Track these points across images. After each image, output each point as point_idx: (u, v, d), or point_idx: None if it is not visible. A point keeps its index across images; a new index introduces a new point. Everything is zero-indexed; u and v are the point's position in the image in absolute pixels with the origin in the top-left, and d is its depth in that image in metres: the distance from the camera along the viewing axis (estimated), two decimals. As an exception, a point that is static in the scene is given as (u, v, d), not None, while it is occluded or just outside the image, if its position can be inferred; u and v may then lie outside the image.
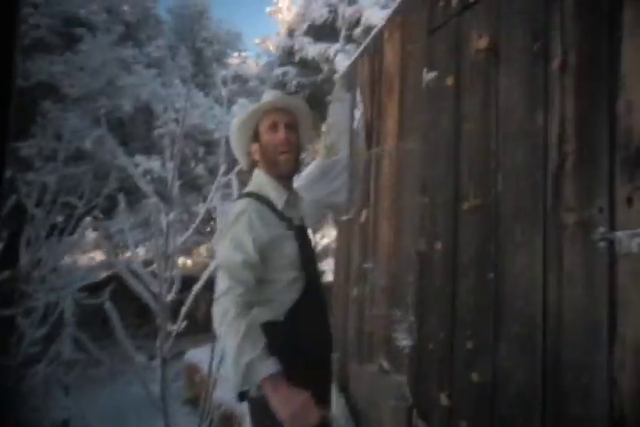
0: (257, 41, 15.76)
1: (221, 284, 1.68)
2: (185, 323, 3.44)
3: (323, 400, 1.86)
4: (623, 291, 1.39)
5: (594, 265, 1.48)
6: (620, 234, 1.36)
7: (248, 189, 1.91)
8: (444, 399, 2.14)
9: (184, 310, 3.40)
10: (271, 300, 1.77)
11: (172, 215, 3.52)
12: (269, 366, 1.55)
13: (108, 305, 3.13)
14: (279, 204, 1.83)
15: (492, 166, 1.95)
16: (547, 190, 1.68)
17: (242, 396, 1.62)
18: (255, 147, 1.89)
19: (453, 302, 2.14)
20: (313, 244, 2.07)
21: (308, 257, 1.88)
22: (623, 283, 1.39)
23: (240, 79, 12.92)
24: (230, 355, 1.57)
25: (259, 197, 1.81)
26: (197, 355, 5.44)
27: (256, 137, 1.89)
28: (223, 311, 1.61)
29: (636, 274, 1.35)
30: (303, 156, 2.01)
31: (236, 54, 14.03)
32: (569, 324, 1.57)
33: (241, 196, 1.91)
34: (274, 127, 1.84)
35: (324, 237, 8.45)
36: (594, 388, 1.46)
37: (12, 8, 0.65)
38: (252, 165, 1.94)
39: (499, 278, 1.88)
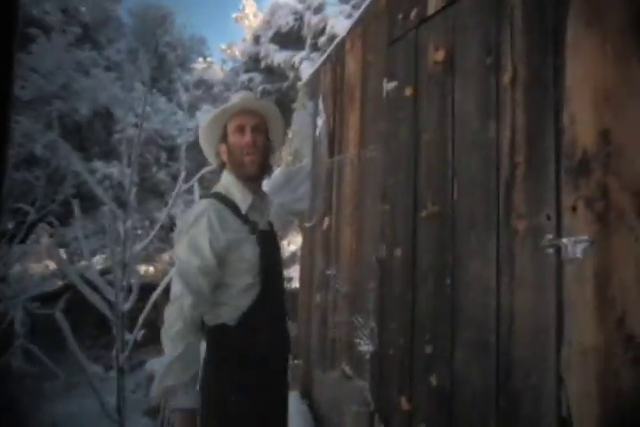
0: (223, 46, 15.76)
1: (175, 288, 1.68)
2: (143, 332, 3.40)
3: (278, 405, 1.91)
4: (569, 295, 1.47)
5: (543, 270, 1.56)
6: (565, 240, 1.45)
7: (214, 189, 1.91)
8: (404, 403, 2.19)
9: (142, 318, 3.37)
10: (225, 304, 1.77)
11: (129, 222, 3.49)
12: (187, 400, 1.59)
13: (58, 315, 3.07)
14: (243, 207, 1.82)
15: (448, 175, 2.03)
16: (499, 198, 1.76)
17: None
18: (223, 148, 1.89)
19: (413, 308, 2.20)
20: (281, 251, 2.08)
21: (270, 263, 1.86)
22: (569, 287, 1.47)
23: (205, 84, 12.88)
24: (160, 369, 1.61)
25: (222, 199, 1.80)
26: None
27: (224, 138, 1.90)
28: (171, 322, 1.63)
29: (581, 278, 1.43)
30: (272, 159, 2.03)
31: (200, 59, 13.96)
32: (520, 327, 1.64)
33: (204, 196, 1.90)
34: (241, 130, 1.85)
35: (291, 244, 8.47)
36: (543, 388, 1.54)
37: (11, 8, 0.67)
38: (222, 165, 1.94)
39: (455, 284, 1.95)
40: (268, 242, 1.88)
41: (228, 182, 1.87)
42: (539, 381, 1.55)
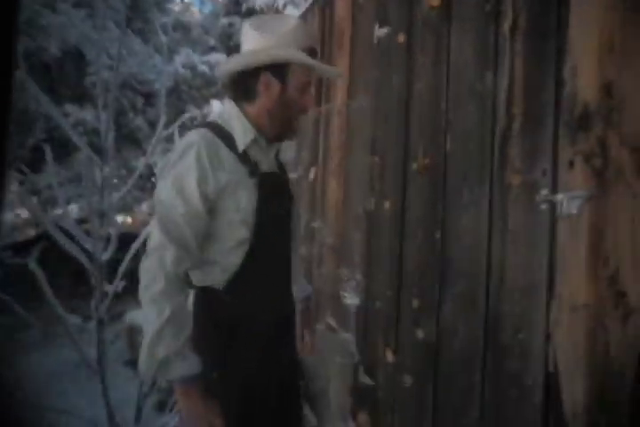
0: (202, -14, 15.06)
1: (153, 237, 1.41)
2: (124, 283, 3.39)
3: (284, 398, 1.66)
4: (562, 251, 1.49)
5: (536, 226, 1.57)
6: (561, 196, 1.45)
7: (210, 118, 1.61)
8: (389, 356, 2.25)
9: (121, 269, 3.35)
10: (214, 261, 1.51)
11: (106, 170, 3.41)
12: (186, 367, 1.35)
13: (32, 266, 3.01)
14: (242, 142, 1.49)
15: (441, 126, 2.00)
16: (494, 152, 1.74)
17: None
18: (274, 82, 1.47)
19: (400, 261, 2.22)
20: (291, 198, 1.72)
21: (271, 214, 1.54)
22: (562, 244, 1.48)
23: (182, 27, 12.37)
24: (146, 339, 1.35)
25: (218, 130, 1.48)
26: (139, 315, 5.43)
27: (280, 72, 1.48)
28: (149, 279, 1.36)
29: (575, 235, 1.44)
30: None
31: (177, 0, 13.36)
32: (510, 283, 1.67)
33: (197, 125, 1.56)
34: (305, 87, 1.52)
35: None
36: (531, 343, 1.58)
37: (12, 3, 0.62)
38: (234, 87, 1.52)
39: (445, 238, 1.96)
40: (272, 188, 1.56)
41: (229, 113, 1.52)
42: (527, 336, 1.59)
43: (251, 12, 10.08)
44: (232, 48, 10.94)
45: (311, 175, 3.19)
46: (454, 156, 1.94)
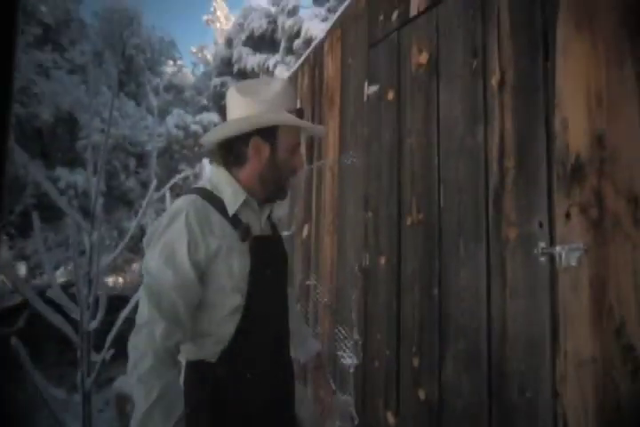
0: (193, 50, 15.66)
1: (142, 310, 1.33)
2: (112, 351, 3.27)
3: None
4: (564, 304, 1.46)
5: (536, 279, 1.54)
6: (559, 249, 1.43)
7: (199, 184, 1.55)
8: (390, 418, 2.16)
9: (110, 338, 3.24)
10: (207, 333, 1.42)
11: (95, 235, 3.37)
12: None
13: (14, 341, 2.88)
14: (232, 206, 1.44)
15: (434, 181, 2.01)
16: (488, 205, 1.74)
17: None
18: (264, 147, 1.46)
19: (398, 319, 2.17)
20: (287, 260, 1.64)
21: (265, 280, 1.47)
22: (564, 296, 1.46)
23: (175, 89, 12.76)
24: (136, 419, 1.25)
25: (207, 195, 1.44)
26: (128, 382, 5.23)
27: (269, 136, 1.46)
28: (139, 355, 1.27)
29: (576, 287, 1.41)
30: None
31: (170, 63, 13.82)
32: (513, 338, 1.63)
33: (186, 191, 1.51)
34: (296, 148, 1.51)
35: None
36: (538, 402, 1.52)
37: (12, 7, 0.63)
38: (222, 153, 1.50)
39: (443, 294, 1.93)
40: (265, 251, 1.50)
41: (218, 177, 1.49)
42: (533, 394, 1.53)
43: (242, 73, 10.43)
44: (224, 107, 11.26)
45: (304, 232, 3.18)
46: (448, 210, 1.94)
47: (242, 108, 1.47)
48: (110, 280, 9.34)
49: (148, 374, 1.25)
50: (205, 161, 6.58)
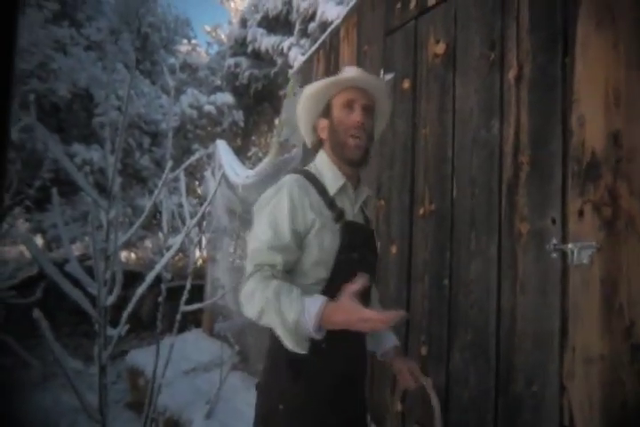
0: (208, 29, 15.46)
1: (247, 269, 1.44)
2: (128, 326, 3.32)
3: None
4: (574, 301, 1.45)
5: (547, 275, 1.54)
6: (571, 246, 1.42)
7: (304, 167, 1.64)
8: (397, 406, 2.18)
9: (125, 314, 3.28)
10: None
11: (112, 213, 3.38)
12: (317, 304, 1.29)
13: (36, 314, 2.94)
14: (332, 188, 1.54)
15: (447, 172, 1.99)
16: (501, 199, 1.73)
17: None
18: (324, 123, 1.59)
19: (408, 307, 2.17)
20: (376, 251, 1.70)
21: (350, 260, 1.52)
22: (574, 293, 1.45)
23: (189, 68, 12.63)
24: (274, 324, 1.35)
25: (309, 177, 1.54)
26: (141, 357, 5.31)
27: (327, 112, 1.60)
28: (249, 292, 1.38)
29: (587, 285, 1.41)
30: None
31: (185, 42, 13.66)
32: (522, 332, 1.63)
33: (290, 171, 1.63)
34: (350, 106, 1.56)
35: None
36: (544, 395, 1.53)
37: (12, 6, 0.62)
38: (318, 143, 1.62)
39: (453, 285, 1.93)
40: (356, 236, 1.56)
41: (321, 162, 1.59)
42: (540, 388, 1.54)
43: (256, 54, 10.29)
44: (238, 88, 11.12)
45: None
46: (461, 202, 1.92)
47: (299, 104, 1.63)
48: (123, 256, 9.43)
49: (260, 292, 1.35)
50: (219, 142, 6.55)
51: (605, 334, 1.36)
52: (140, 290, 3.30)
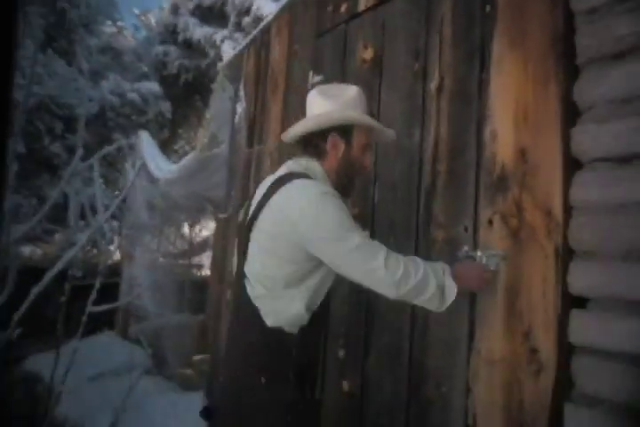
0: (137, 12, 15.06)
1: (350, 242, 1.45)
2: (19, 330, 3.14)
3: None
4: (481, 306, 1.60)
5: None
6: (480, 253, 1.56)
7: (299, 172, 1.60)
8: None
9: (16, 316, 3.14)
10: (315, 303, 1.60)
11: (6, 204, 3.26)
12: (444, 273, 1.47)
13: None
14: None
15: (370, 177, 2.10)
16: (419, 206, 1.86)
17: None
18: (340, 143, 1.60)
19: (327, 311, 2.26)
20: None
21: None
22: (482, 299, 1.60)
23: (113, 52, 12.24)
24: (423, 296, 1.45)
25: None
26: (40, 363, 5.09)
27: (345, 134, 1.61)
28: (376, 264, 1.44)
29: (493, 292, 1.55)
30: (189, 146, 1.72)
31: (109, 23, 13.23)
32: (433, 336, 1.76)
33: (300, 176, 1.57)
34: (369, 148, 1.66)
35: (203, 230, 8.33)
36: (452, 397, 1.66)
37: (12, 7, 0.65)
38: (315, 149, 1.61)
39: (371, 290, 2.03)
40: None
41: (314, 169, 1.61)
42: (448, 389, 1.68)
43: (187, 44, 10.16)
44: (166, 77, 10.91)
45: (240, 216, 3.22)
46: (382, 207, 2.04)
47: (320, 107, 1.65)
48: (27, 250, 9.02)
49: (393, 259, 1.45)
50: (142, 132, 6.44)
51: (507, 338, 1.51)
52: (37, 289, 3.20)
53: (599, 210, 1.35)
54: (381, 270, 1.44)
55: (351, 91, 1.66)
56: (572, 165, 1.40)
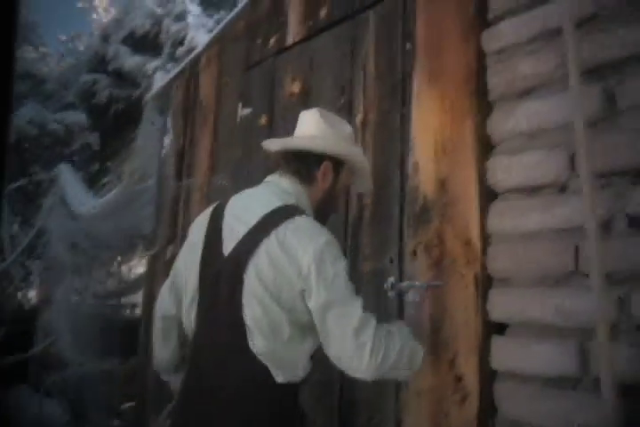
0: (63, 38, 14.91)
1: (353, 316, 1.37)
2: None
3: None
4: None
5: (386, 313, 1.73)
6: (405, 284, 1.64)
7: (288, 201, 1.53)
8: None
9: None
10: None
11: None
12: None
13: None
14: None
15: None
16: (347, 239, 1.93)
17: None
18: (328, 174, 1.55)
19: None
20: None
21: None
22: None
23: (33, 79, 11.97)
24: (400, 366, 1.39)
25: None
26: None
27: (337, 165, 1.56)
28: (393, 345, 1.37)
29: (418, 321, 1.62)
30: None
31: (30, 48, 12.98)
32: (362, 368, 1.80)
33: (300, 212, 1.50)
34: (345, 189, 1.67)
35: (137, 267, 8.09)
36: (383, 428, 1.70)
37: (11, 9, 0.66)
38: (306, 172, 1.56)
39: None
40: None
41: (299, 196, 1.56)
42: (379, 421, 1.72)
43: (118, 73, 10.08)
44: (94, 107, 10.71)
45: (168, 253, 3.20)
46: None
47: (325, 132, 1.58)
48: None
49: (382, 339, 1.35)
50: (63, 165, 6.30)
51: (434, 367, 1.57)
52: None
53: (514, 238, 1.46)
54: (367, 350, 1.36)
55: (348, 127, 1.65)
56: (488, 195, 1.51)
